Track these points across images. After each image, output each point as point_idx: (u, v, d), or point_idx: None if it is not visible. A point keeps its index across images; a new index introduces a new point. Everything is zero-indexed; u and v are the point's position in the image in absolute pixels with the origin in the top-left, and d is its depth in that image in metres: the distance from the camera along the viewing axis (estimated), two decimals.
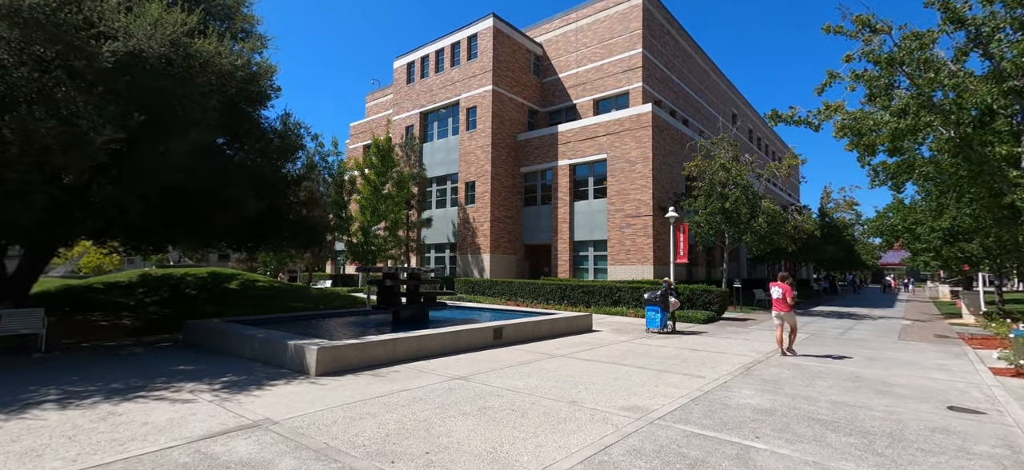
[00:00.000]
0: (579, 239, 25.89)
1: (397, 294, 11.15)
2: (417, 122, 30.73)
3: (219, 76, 8.74)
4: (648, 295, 12.47)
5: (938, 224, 16.66)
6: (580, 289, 19.91)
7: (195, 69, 8.38)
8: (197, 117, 8.35)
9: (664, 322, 12.22)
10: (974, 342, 11.77)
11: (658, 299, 12.25)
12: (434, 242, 29.78)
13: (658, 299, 12.25)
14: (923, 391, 6.65)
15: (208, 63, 8.59)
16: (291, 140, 14.09)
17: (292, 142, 14.07)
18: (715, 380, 7.04)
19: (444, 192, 29.67)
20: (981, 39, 11.26)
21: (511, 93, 28.36)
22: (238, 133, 11.56)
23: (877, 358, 9.34)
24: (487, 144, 26.88)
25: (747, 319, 17.08)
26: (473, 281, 24.52)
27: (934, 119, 11.24)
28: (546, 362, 8.18)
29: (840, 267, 42.80)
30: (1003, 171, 11.11)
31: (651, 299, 12.37)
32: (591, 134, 25.51)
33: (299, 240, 12.90)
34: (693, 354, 9.36)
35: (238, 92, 10.51)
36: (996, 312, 18.23)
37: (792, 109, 13.65)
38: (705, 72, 35.24)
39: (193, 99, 8.26)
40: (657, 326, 12.20)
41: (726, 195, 20.27)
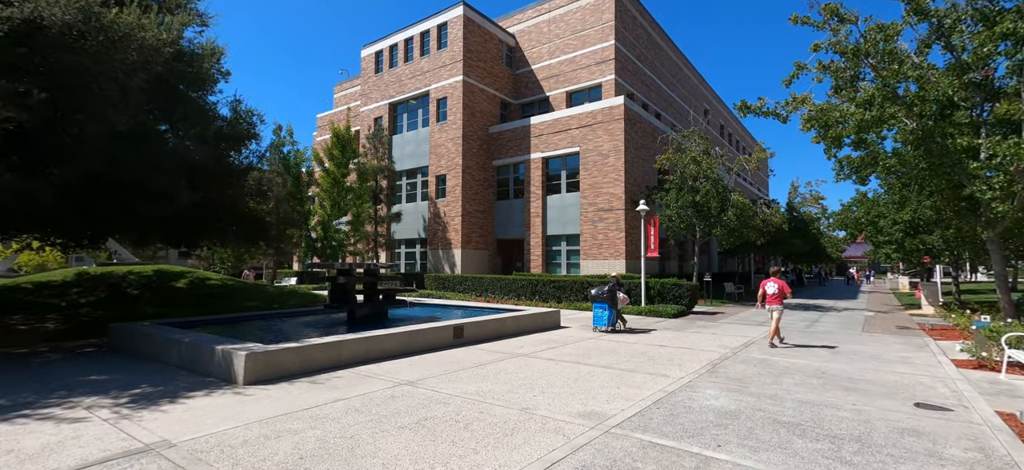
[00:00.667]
0: (552, 233, 25.52)
1: (352, 292, 10.45)
2: (386, 113, 29.73)
3: (142, 52, 7.84)
4: (595, 291, 11.54)
5: (900, 217, 16.95)
6: (551, 284, 19.54)
7: (113, 43, 7.48)
8: (115, 97, 7.47)
9: (612, 320, 11.33)
10: (934, 333, 11.89)
11: (605, 296, 11.31)
12: (404, 237, 28.94)
13: (605, 296, 11.31)
14: (889, 387, 6.45)
15: (129, 37, 7.69)
16: (241, 128, 13.15)
17: (242, 130, 13.13)
18: (680, 379, 6.68)
19: (414, 186, 28.82)
20: (943, 31, 11.29)
21: (482, 84, 27.69)
22: (173, 117, 10.60)
23: (842, 352, 9.23)
24: (458, 136, 26.17)
25: (717, 312, 17.03)
26: (443, 277, 23.87)
27: (898, 111, 11.23)
28: (506, 362, 7.69)
29: (807, 260, 43.90)
30: (963, 163, 11.20)
31: (598, 296, 11.42)
32: (564, 127, 25.11)
33: (245, 235, 12.01)
34: (661, 351, 9.04)
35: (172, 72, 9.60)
36: (954, 303, 18.76)
37: (760, 100, 13.55)
38: (677, 66, 35.34)
39: (111, 77, 7.38)
40: (604, 325, 11.29)
41: (697, 188, 20.20)
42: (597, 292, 11.44)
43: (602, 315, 11.33)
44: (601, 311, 11.35)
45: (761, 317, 15.62)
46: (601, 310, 11.35)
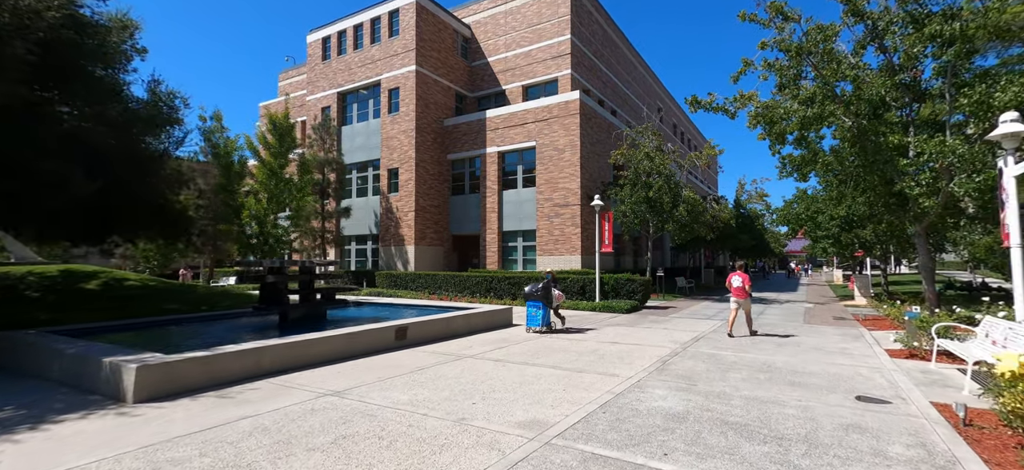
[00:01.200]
0: (508, 229, 25.14)
1: (283, 292, 9.55)
2: (334, 103, 28.26)
3: (16, 13, 6.67)
4: (528, 289, 10.52)
5: (836, 212, 17.82)
6: (507, 281, 19.15)
7: None
8: None
9: (546, 320, 10.46)
10: (868, 323, 12.45)
11: (539, 293, 10.34)
12: (355, 233, 27.66)
13: (539, 293, 10.34)
14: (831, 379, 6.46)
15: None
16: (158, 111, 11.84)
17: (159, 113, 11.83)
18: (629, 379, 6.42)
19: (365, 180, 27.59)
20: (877, 32, 11.75)
21: (437, 75, 26.83)
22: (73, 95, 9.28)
23: (786, 344, 9.36)
24: (411, 128, 25.23)
25: (669, 307, 17.24)
26: (396, 275, 22.94)
27: (837, 108, 11.59)
28: (449, 366, 7.16)
29: (752, 255, 45.99)
30: (894, 161, 11.72)
31: (531, 293, 10.41)
32: (520, 121, 24.75)
33: (164, 230, 10.78)
34: (612, 348, 8.81)
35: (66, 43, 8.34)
36: (883, 293, 20.00)
37: (710, 96, 13.65)
38: (633, 64, 35.85)
39: None
40: (538, 324, 10.37)
41: (650, 184, 20.42)
42: (531, 289, 10.48)
43: (536, 314, 10.44)
44: (535, 310, 10.46)
45: (710, 311, 15.92)
46: (535, 309, 10.46)
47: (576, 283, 17.51)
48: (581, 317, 13.75)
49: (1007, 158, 7.19)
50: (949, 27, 9.94)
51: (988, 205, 12.25)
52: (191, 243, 13.56)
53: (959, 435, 4.28)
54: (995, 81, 9.81)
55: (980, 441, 4.17)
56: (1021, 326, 5.77)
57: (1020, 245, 7.06)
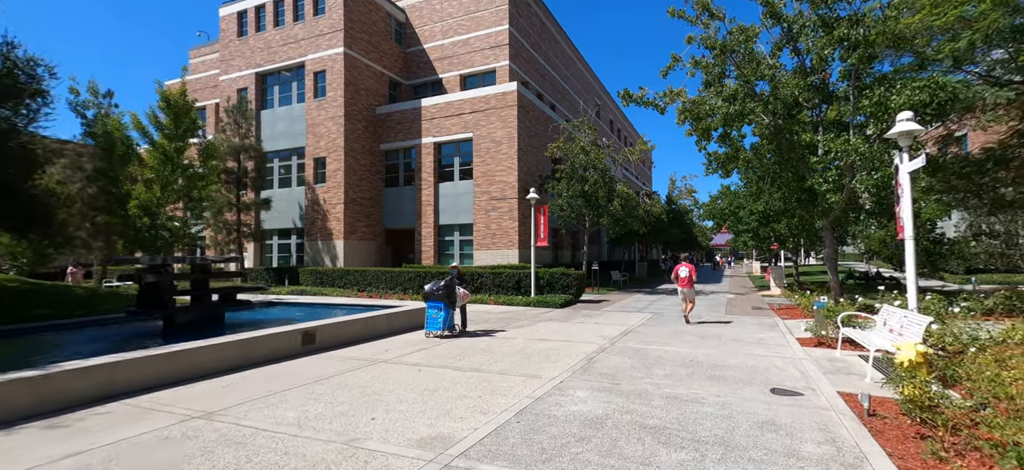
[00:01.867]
0: (444, 223, 24.34)
1: (168, 293, 8.24)
2: (252, 85, 25.85)
3: None
4: (429, 287, 9.16)
5: (755, 207, 18.88)
6: (441, 277, 18.38)
7: None
8: None
9: (449, 322, 9.25)
10: (781, 312, 13.15)
11: (441, 292, 9.05)
12: (277, 227, 25.56)
13: (441, 292, 9.05)
14: (749, 372, 6.49)
15: None
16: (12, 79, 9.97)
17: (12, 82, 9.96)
18: (552, 380, 6.05)
19: (289, 169, 25.54)
20: (792, 35, 12.34)
21: (368, 59, 25.33)
22: None
23: (708, 335, 9.52)
24: (339, 115, 23.62)
25: (602, 301, 17.38)
26: (322, 271, 21.41)
27: (756, 106, 12.04)
28: (357, 373, 6.43)
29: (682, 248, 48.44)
30: (805, 158, 12.41)
31: (432, 293, 9.11)
32: (457, 111, 23.97)
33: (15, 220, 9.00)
34: (540, 347, 8.47)
35: None
36: (794, 284, 21.54)
37: (641, 90, 13.79)
38: (572, 60, 36.14)
39: None
40: (439, 328, 9.09)
41: (586, 178, 20.51)
42: (431, 288, 9.13)
43: (437, 317, 9.10)
44: (435, 312, 9.11)
45: (640, 304, 16.22)
46: (436, 311, 9.12)
47: (511, 278, 17.16)
48: (515, 313, 13.40)
49: (903, 155, 7.64)
50: (855, 31, 10.56)
51: (883, 201, 13.33)
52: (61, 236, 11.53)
53: (865, 427, 4.28)
54: (892, 85, 10.57)
55: (883, 432, 4.18)
56: (915, 314, 6.07)
57: (913, 237, 7.55)
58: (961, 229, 22.04)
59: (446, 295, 9.10)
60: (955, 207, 17.68)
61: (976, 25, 10.82)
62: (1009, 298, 10.55)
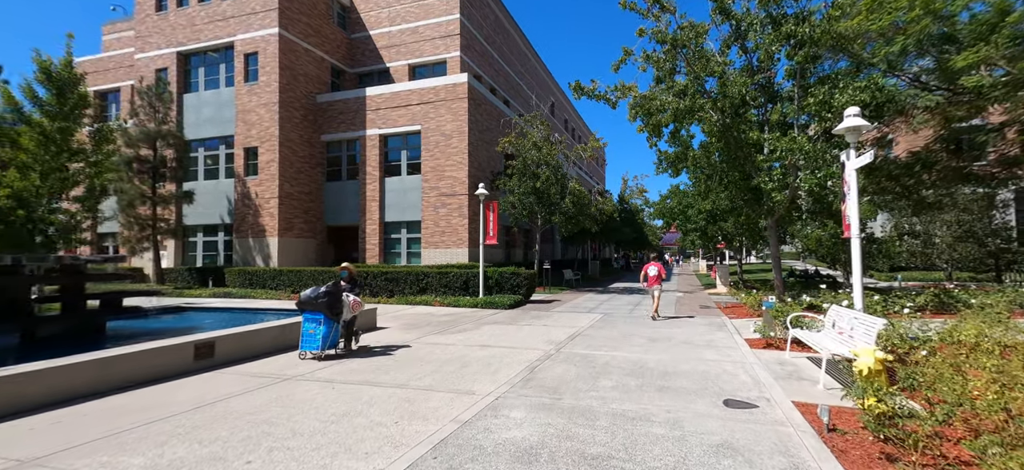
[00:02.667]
0: (391, 220, 23.04)
1: (23, 300, 6.73)
2: (173, 65, 23.33)
3: None
4: (306, 294, 7.17)
5: (703, 206, 19.08)
6: (383, 276, 17.22)
7: None
8: None
9: (332, 339, 7.27)
10: (728, 311, 13.12)
11: (321, 301, 7.05)
12: (202, 222, 23.23)
13: (321, 301, 7.05)
14: (700, 380, 6.02)
15: None
16: None
17: None
18: (486, 397, 5.28)
19: (216, 159, 23.27)
20: (741, 32, 12.29)
21: (307, 43, 23.53)
22: None
23: (658, 338, 9.12)
24: (273, 102, 21.73)
25: (553, 301, 16.87)
26: (252, 272, 19.54)
27: (706, 103, 11.88)
28: (253, 396, 5.36)
29: (634, 247, 49.33)
30: (752, 157, 12.41)
31: (308, 301, 7.10)
32: (404, 102, 22.73)
33: None
34: (480, 354, 7.69)
35: None
36: (739, 281, 22.07)
37: (593, 83, 13.36)
38: (526, 56, 35.62)
39: None
40: (317, 347, 7.07)
41: (538, 175, 19.97)
42: (309, 295, 7.12)
43: (314, 332, 7.09)
44: (313, 326, 7.11)
45: (591, 304, 15.84)
46: (313, 324, 7.12)
47: (459, 278, 16.28)
48: (459, 316, 12.55)
49: (850, 151, 7.50)
50: (801, 28, 10.55)
51: (823, 200, 13.61)
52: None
53: (827, 446, 3.82)
54: (835, 84, 10.66)
55: (847, 452, 3.74)
56: (865, 316, 5.81)
57: (859, 235, 7.42)
58: (887, 230, 23.43)
59: (328, 305, 7.13)
60: (883, 208, 18.66)
61: (909, 29, 11.14)
62: (937, 296, 10.94)
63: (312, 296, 7.15)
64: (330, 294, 7.21)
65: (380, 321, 11.42)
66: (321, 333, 7.14)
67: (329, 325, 7.23)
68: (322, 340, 7.14)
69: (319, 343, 7.13)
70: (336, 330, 7.36)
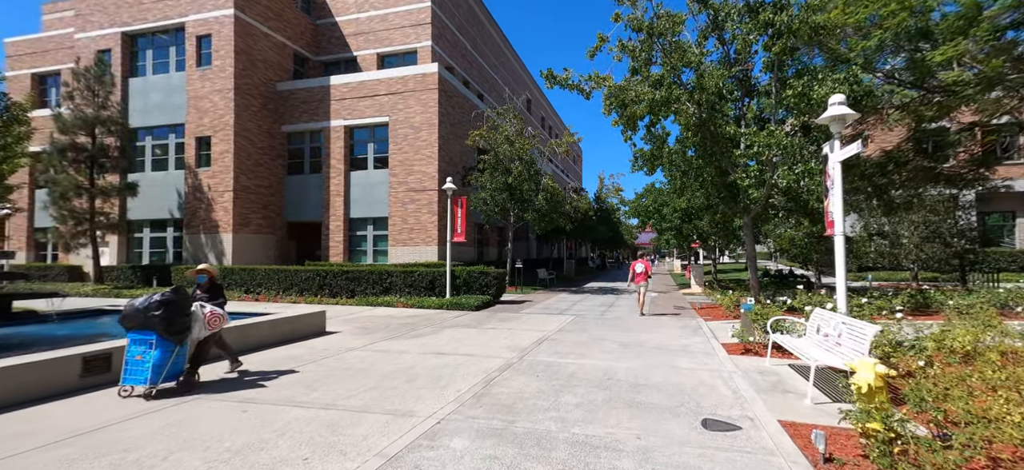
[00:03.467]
0: (356, 216, 21.89)
1: None
2: (118, 46, 21.57)
3: None
4: (135, 304, 5.19)
5: (678, 204, 18.71)
6: (344, 276, 16.13)
7: None
8: None
9: (172, 367, 5.23)
10: (704, 313, 12.65)
11: (154, 315, 5.07)
12: (148, 217, 21.56)
13: (154, 315, 5.07)
14: (675, 394, 5.35)
15: None
16: None
17: None
18: (428, 419, 4.46)
19: (165, 148, 21.64)
20: (718, 23, 11.80)
21: (267, 27, 22.12)
22: None
23: (631, 343, 8.47)
24: (228, 88, 20.28)
25: (524, 301, 16.13)
26: None
27: (682, 94, 11.34)
28: (146, 420, 4.40)
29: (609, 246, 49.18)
30: (729, 152, 11.95)
31: (135, 314, 5.14)
32: (371, 92, 21.60)
33: None
34: (434, 362, 6.85)
35: None
36: (713, 281, 21.84)
37: (566, 72, 12.66)
38: (501, 50, 34.80)
39: None
40: (144, 380, 5.05)
41: (510, 170, 19.20)
42: (138, 305, 5.15)
43: (142, 359, 5.12)
44: (141, 350, 5.14)
45: (564, 304, 15.17)
46: (142, 348, 5.14)
47: (425, 277, 15.36)
48: (422, 318, 11.66)
49: (834, 143, 6.99)
50: (779, 17, 10.10)
51: (799, 198, 13.29)
52: None
53: None
54: (814, 76, 10.25)
55: None
56: (855, 321, 5.24)
57: (843, 233, 6.91)
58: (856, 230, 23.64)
59: (163, 319, 5.08)
60: (853, 208, 18.66)
61: (886, 23, 10.85)
62: (914, 296, 10.68)
63: (141, 307, 5.11)
64: (167, 305, 5.12)
65: (333, 325, 10.44)
66: (152, 360, 5.06)
67: (165, 348, 5.14)
68: (153, 370, 5.05)
69: (147, 373, 5.04)
70: (180, 354, 5.32)
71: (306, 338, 9.01)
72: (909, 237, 20.88)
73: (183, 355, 5.41)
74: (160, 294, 5.22)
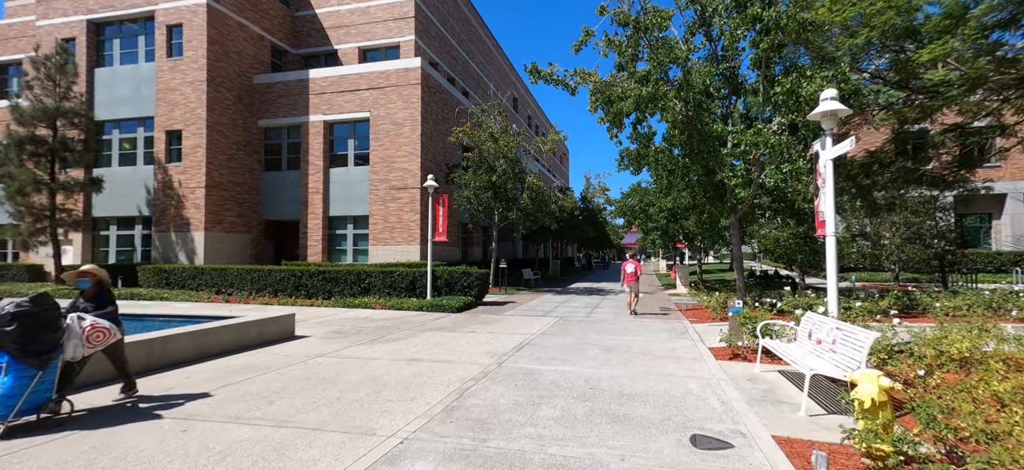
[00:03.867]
0: (336, 214, 21.22)
1: None
2: (84, 35, 20.57)
3: None
4: None
5: (664, 203, 18.49)
6: (321, 276, 15.52)
7: None
8: None
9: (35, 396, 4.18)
10: (690, 314, 12.40)
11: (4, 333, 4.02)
12: (115, 214, 20.59)
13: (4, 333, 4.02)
14: (662, 405, 5.01)
15: None
16: None
17: None
18: (390, 439, 4.02)
19: (133, 142, 20.69)
20: (706, 19, 11.55)
21: (243, 17, 21.30)
22: None
23: (616, 348, 8.13)
24: (201, 80, 19.45)
25: (507, 302, 15.71)
26: (169, 270, 17.29)
27: (669, 90, 11.06)
28: (53, 448, 3.86)
29: (595, 246, 49.08)
30: (716, 151, 11.71)
31: None
32: (352, 86, 20.96)
33: None
34: (405, 370, 6.40)
35: None
36: (698, 282, 21.72)
37: (551, 66, 12.29)
38: (489, 49, 34.33)
39: None
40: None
41: (494, 168, 18.77)
42: None
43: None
44: None
45: (549, 306, 14.80)
46: None
47: (404, 278, 14.84)
48: (399, 320, 11.17)
49: (825, 139, 6.72)
50: (768, 13, 9.86)
51: (785, 198, 13.15)
52: None
53: None
54: (802, 73, 10.05)
55: None
56: (849, 326, 4.95)
57: (835, 234, 6.65)
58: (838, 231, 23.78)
59: (19, 337, 4.06)
60: (838, 209, 18.68)
61: (872, 22, 10.72)
62: (900, 298, 10.56)
63: None
64: (22, 318, 4.05)
65: (303, 328, 9.89)
66: (3, 386, 4.05)
67: (20, 373, 4.07)
68: (1, 402, 4.01)
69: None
70: (45, 380, 4.25)
71: (273, 343, 8.47)
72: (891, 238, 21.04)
73: (50, 382, 4.30)
74: (14, 304, 4.11)
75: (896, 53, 11.97)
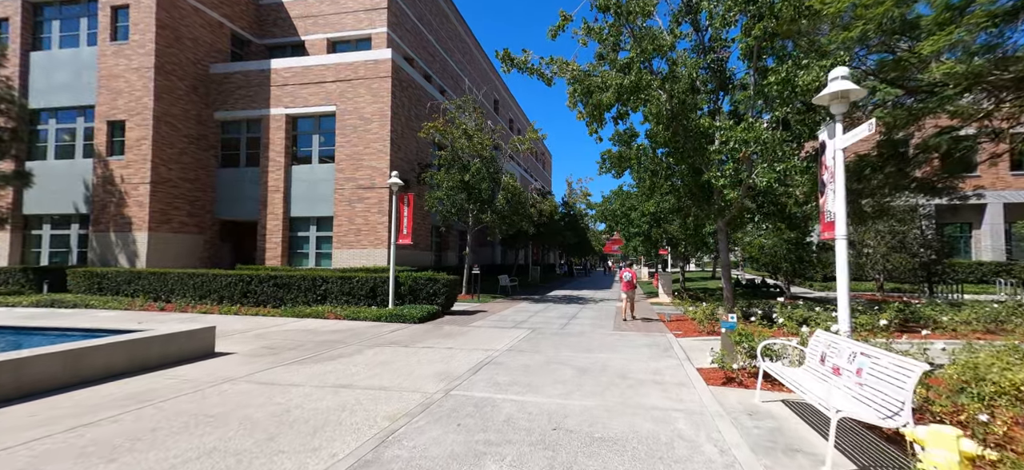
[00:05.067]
0: (298, 215, 19.70)
1: None
2: (18, 14, 18.73)
3: None
4: None
5: (647, 207, 17.56)
6: (271, 282, 14.03)
7: None
8: None
9: None
10: (674, 326, 11.36)
11: None
12: (50, 211, 18.71)
13: None
14: (644, 457, 3.86)
15: None
16: None
17: None
18: None
19: (72, 133, 18.88)
20: (693, 6, 10.63)
21: (198, 2, 19.73)
22: None
23: (590, 367, 6.97)
24: (148, 67, 17.81)
25: (477, 312, 14.45)
26: (101, 274, 15.55)
27: (653, 80, 10.06)
28: None
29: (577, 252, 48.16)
30: (702, 148, 10.75)
31: None
32: (317, 78, 19.56)
33: None
34: (329, 401, 5.12)
35: None
36: (681, 290, 20.81)
37: (525, 53, 11.19)
38: (467, 46, 33.21)
39: None
40: None
41: (467, 166, 17.57)
42: None
43: None
44: None
45: (522, 315, 13.60)
46: None
47: (365, 284, 13.48)
48: (350, 332, 9.82)
49: (834, 127, 5.71)
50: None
51: (777, 200, 12.26)
52: None
53: None
54: (797, 62, 9.14)
55: None
56: (883, 353, 3.87)
57: (846, 236, 5.65)
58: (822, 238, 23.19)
59: None
60: None
61: (870, 13, 9.93)
62: (902, 310, 9.70)
63: None
64: None
65: (231, 343, 8.48)
66: None
67: None
68: None
69: None
70: None
71: (186, 361, 7.07)
72: (875, 246, 20.50)
73: None
74: None
75: (891, 50, 11.26)
